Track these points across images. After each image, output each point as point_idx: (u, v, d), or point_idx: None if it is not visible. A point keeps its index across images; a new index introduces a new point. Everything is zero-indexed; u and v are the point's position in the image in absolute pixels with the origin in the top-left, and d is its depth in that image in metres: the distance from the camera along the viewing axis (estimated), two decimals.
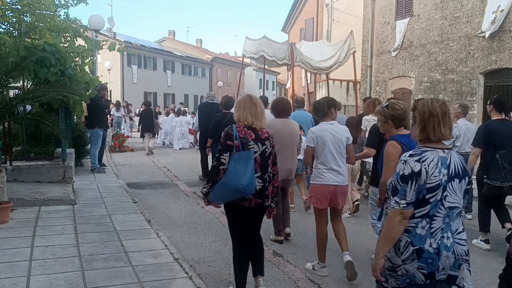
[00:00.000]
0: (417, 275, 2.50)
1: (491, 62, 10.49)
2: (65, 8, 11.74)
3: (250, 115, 3.76)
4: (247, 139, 3.69)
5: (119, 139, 15.46)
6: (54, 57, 7.41)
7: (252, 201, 3.68)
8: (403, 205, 2.48)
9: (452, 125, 2.91)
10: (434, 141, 2.57)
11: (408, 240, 2.51)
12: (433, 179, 2.48)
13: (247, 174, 3.51)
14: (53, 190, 7.07)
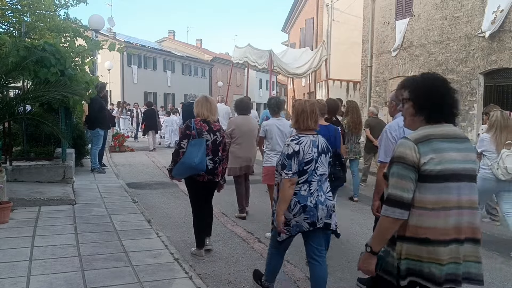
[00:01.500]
0: (303, 224, 3.56)
1: (491, 62, 10.49)
2: (65, 8, 11.77)
3: (206, 111, 4.89)
4: (202, 130, 4.80)
5: (119, 139, 15.47)
6: (54, 57, 7.41)
7: (205, 177, 4.83)
8: (290, 175, 3.52)
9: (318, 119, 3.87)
10: (304, 129, 3.68)
11: (296, 200, 3.57)
12: (308, 155, 3.57)
13: (199, 155, 4.65)
14: (53, 190, 7.07)
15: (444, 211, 2.24)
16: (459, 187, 2.26)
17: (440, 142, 2.27)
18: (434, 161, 2.23)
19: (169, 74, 40.29)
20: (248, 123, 6.64)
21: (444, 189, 2.24)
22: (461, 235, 2.26)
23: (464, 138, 2.39)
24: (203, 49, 51.24)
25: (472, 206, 2.31)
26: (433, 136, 2.28)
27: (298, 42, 26.51)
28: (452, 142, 2.30)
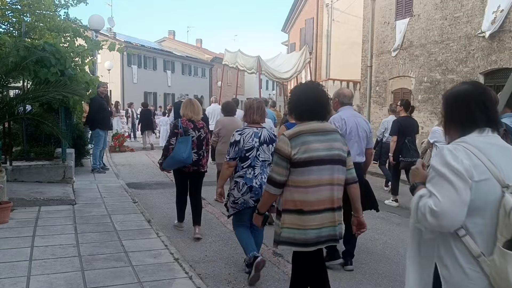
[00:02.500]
0: (249, 201, 4.32)
1: (491, 62, 10.49)
2: (65, 8, 11.77)
3: (190, 112, 5.68)
4: (188, 128, 5.59)
5: (119, 139, 15.48)
6: (54, 57, 7.41)
7: (191, 168, 5.63)
8: (227, 159, 4.39)
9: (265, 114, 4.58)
10: (251, 122, 4.42)
11: (243, 181, 4.32)
12: (248, 144, 4.31)
13: (187, 151, 5.43)
14: (53, 190, 7.07)
15: (313, 188, 2.88)
16: (326, 169, 2.90)
17: (307, 136, 2.89)
18: (301, 151, 2.86)
19: (169, 74, 40.27)
20: (233, 123, 6.98)
21: (311, 171, 2.86)
22: (334, 205, 2.96)
23: (331, 131, 3.01)
24: (203, 49, 51.20)
25: (340, 183, 2.99)
26: (302, 132, 2.92)
27: (298, 42, 26.49)
28: (318, 135, 2.92)
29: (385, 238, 6.02)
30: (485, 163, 1.85)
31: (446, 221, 1.79)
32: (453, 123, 2.06)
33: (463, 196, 1.79)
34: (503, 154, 1.91)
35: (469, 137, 1.95)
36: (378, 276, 4.66)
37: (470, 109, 1.99)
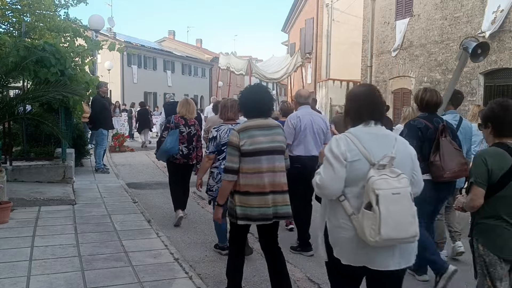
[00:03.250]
0: None
1: (491, 62, 10.49)
2: (65, 8, 11.79)
3: (184, 110, 6.33)
4: (179, 124, 6.22)
5: (119, 139, 15.47)
6: (54, 57, 7.41)
7: (181, 160, 6.23)
8: (207, 153, 4.83)
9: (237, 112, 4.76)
10: (226, 119, 4.82)
11: (218, 171, 4.71)
12: (224, 139, 4.56)
13: (172, 142, 6.04)
14: (53, 190, 7.07)
15: (258, 174, 3.48)
16: (269, 158, 3.52)
17: (254, 131, 3.50)
18: (247, 143, 3.45)
19: (169, 74, 40.26)
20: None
21: (256, 160, 3.46)
22: (276, 188, 3.55)
23: (274, 127, 3.61)
24: (203, 49, 51.21)
25: (282, 170, 3.63)
26: (249, 127, 3.52)
27: (298, 42, 26.50)
28: (263, 130, 3.53)
29: None
30: (358, 147, 2.47)
31: (327, 191, 2.50)
32: (347, 117, 2.68)
33: (339, 174, 2.44)
34: (375, 140, 2.51)
35: (354, 128, 2.57)
36: None
37: (359, 107, 2.59)
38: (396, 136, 2.64)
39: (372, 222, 2.33)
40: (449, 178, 4.23)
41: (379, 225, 2.31)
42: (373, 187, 2.35)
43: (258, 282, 4.37)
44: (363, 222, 2.38)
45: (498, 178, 2.82)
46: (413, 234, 2.40)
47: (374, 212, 2.33)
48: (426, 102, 4.45)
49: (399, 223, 2.35)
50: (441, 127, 4.33)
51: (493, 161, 2.82)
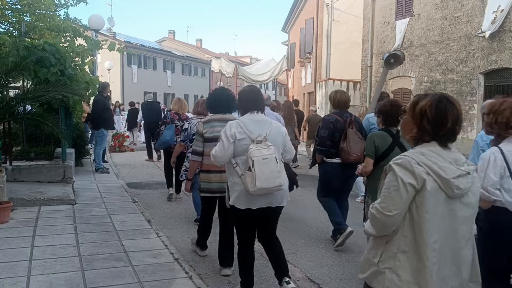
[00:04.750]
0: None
1: (491, 62, 10.48)
2: (65, 7, 11.77)
3: (177, 107, 7.66)
4: (174, 119, 7.50)
5: (119, 139, 15.47)
6: (54, 57, 7.40)
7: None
8: (179, 140, 5.95)
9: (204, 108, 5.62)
10: (196, 114, 5.91)
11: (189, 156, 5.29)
12: (193, 130, 5.31)
13: (169, 134, 7.26)
14: (53, 190, 7.07)
15: None
16: None
17: (214, 122, 4.47)
18: (209, 132, 4.42)
19: (169, 74, 40.27)
20: None
21: (214, 145, 3.85)
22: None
23: (229, 119, 4.19)
24: (203, 49, 51.22)
25: None
26: (212, 120, 4.53)
27: (298, 42, 26.48)
28: (221, 122, 4.29)
29: None
30: (243, 129, 3.66)
31: (218, 159, 3.72)
32: (240, 110, 4.00)
33: (227, 149, 3.64)
34: (256, 124, 3.71)
35: (243, 116, 3.83)
36: None
37: (245, 101, 3.88)
38: (271, 121, 3.86)
39: (251, 178, 3.50)
40: (354, 160, 5.12)
41: (255, 180, 3.48)
42: (250, 155, 3.53)
43: (258, 282, 4.36)
44: (246, 179, 3.55)
45: (381, 152, 4.17)
46: (278, 185, 3.58)
47: (252, 172, 3.49)
48: (337, 101, 5.60)
49: (268, 178, 3.51)
50: (349, 120, 5.41)
51: (379, 140, 4.19)
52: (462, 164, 2.16)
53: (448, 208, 2.12)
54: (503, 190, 3.01)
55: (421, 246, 2.09)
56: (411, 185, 2.07)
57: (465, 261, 2.20)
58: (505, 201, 3.00)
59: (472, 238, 2.26)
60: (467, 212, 2.18)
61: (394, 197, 2.10)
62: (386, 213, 2.11)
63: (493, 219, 3.05)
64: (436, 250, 2.10)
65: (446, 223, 2.13)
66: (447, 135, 2.16)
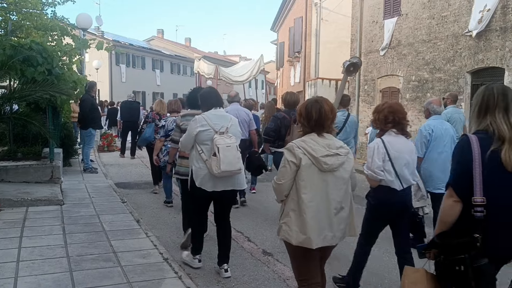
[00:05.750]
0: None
1: (478, 61, 10.59)
2: (52, 6, 11.65)
3: (159, 107, 8.24)
4: (155, 119, 8.10)
5: (108, 139, 15.35)
6: (41, 56, 7.32)
7: None
8: (158, 137, 6.87)
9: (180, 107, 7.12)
10: (171, 112, 7.08)
11: (165, 148, 6.71)
12: (170, 126, 6.57)
13: (149, 132, 7.96)
14: (41, 191, 7.00)
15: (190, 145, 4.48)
16: None
17: (189, 117, 4.87)
18: (184, 124, 4.94)
19: (158, 73, 40.08)
20: None
21: None
22: None
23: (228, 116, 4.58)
24: (192, 48, 51.05)
25: None
26: (187, 114, 5.18)
27: (287, 41, 26.52)
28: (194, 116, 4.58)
29: None
30: (207, 121, 4.31)
31: (183, 148, 4.60)
32: (203, 107, 4.58)
33: (191, 139, 4.35)
34: (218, 118, 4.39)
35: (208, 112, 4.45)
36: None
37: (209, 98, 4.57)
38: (231, 117, 4.57)
39: (216, 162, 4.14)
40: None
41: (219, 164, 4.12)
42: (215, 143, 4.19)
43: (248, 281, 4.38)
44: (211, 163, 4.17)
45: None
46: (239, 168, 4.30)
47: (217, 157, 4.14)
48: (287, 102, 6.66)
49: (230, 162, 4.17)
50: (294, 117, 5.96)
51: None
52: (335, 148, 3.07)
53: (321, 178, 3.02)
54: (386, 172, 3.78)
55: (301, 205, 2.99)
56: (293, 162, 3.01)
57: (340, 218, 3.08)
58: (387, 180, 3.79)
59: (347, 202, 3.13)
60: (338, 182, 3.07)
61: (283, 171, 3.05)
62: (278, 182, 3.08)
63: (378, 195, 3.89)
64: (311, 207, 2.98)
65: (319, 189, 3.02)
66: (317, 127, 3.09)
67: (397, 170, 3.79)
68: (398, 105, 4.10)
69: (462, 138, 2.64)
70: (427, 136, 5.40)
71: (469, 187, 2.49)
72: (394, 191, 3.80)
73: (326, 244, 3.07)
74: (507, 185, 2.48)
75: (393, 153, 3.78)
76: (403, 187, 3.82)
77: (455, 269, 2.45)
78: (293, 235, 3.01)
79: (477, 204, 2.44)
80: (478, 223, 2.43)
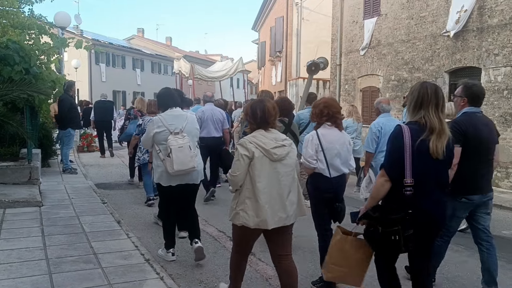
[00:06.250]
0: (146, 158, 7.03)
1: (455, 61, 10.78)
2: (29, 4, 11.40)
3: (140, 105, 8.58)
4: (137, 116, 8.34)
5: (87, 139, 15.15)
6: (18, 55, 7.20)
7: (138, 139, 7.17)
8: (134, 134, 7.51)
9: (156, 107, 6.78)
10: (149, 113, 7.11)
11: (141, 147, 7.08)
12: (146, 126, 5.81)
13: (133, 128, 7.86)
14: (19, 192, 6.88)
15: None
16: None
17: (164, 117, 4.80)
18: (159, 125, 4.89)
19: (139, 72, 39.70)
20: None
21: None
22: None
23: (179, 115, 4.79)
24: (173, 47, 50.74)
25: None
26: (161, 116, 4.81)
27: (269, 40, 26.57)
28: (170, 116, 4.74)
29: None
30: (163, 122, 4.60)
31: (144, 145, 5.25)
32: (160, 108, 4.90)
33: (149, 140, 4.71)
34: (174, 118, 4.67)
35: (164, 113, 4.73)
36: None
37: (165, 99, 4.85)
38: (187, 115, 4.83)
39: (169, 163, 4.48)
40: None
41: (172, 164, 4.46)
42: (169, 144, 4.50)
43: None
44: (166, 163, 4.52)
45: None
46: (191, 167, 4.58)
47: (170, 157, 4.47)
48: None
49: (183, 162, 4.48)
50: None
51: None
52: (281, 140, 3.47)
53: (272, 167, 3.40)
54: (318, 161, 4.18)
55: (256, 192, 3.34)
56: (246, 155, 3.35)
57: (290, 201, 3.47)
58: (319, 168, 4.18)
59: (294, 186, 3.52)
60: (286, 169, 3.46)
61: (237, 164, 3.38)
62: (233, 174, 3.41)
63: (313, 181, 4.29)
64: (265, 194, 3.35)
65: (271, 176, 3.39)
66: (262, 123, 3.47)
67: (328, 159, 4.17)
68: (332, 101, 4.49)
69: (396, 128, 3.10)
70: (377, 133, 5.81)
71: (399, 170, 2.99)
72: (326, 178, 4.18)
73: (280, 225, 3.43)
74: (432, 169, 3.00)
75: (325, 144, 4.17)
76: (334, 175, 4.21)
77: (391, 238, 3.01)
78: (250, 219, 3.36)
79: (407, 184, 2.97)
80: (408, 199, 2.97)
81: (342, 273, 3.44)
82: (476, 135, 3.85)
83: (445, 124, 3.05)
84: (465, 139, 3.81)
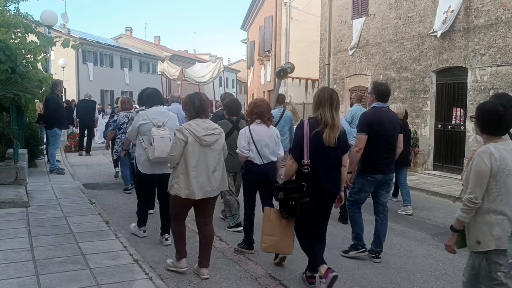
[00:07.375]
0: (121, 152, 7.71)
1: (443, 61, 10.88)
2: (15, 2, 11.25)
3: (126, 105, 8.50)
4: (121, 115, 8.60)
5: (75, 139, 15.02)
6: (4, 54, 7.12)
7: None
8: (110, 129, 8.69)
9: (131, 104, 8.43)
10: (123, 109, 8.46)
11: (120, 140, 7.98)
12: (121, 121, 8.09)
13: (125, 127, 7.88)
14: (5, 193, 6.80)
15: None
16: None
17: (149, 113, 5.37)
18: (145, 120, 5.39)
19: (127, 71, 39.41)
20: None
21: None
22: None
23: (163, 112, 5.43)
24: (161, 46, 50.44)
25: None
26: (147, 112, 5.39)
27: (258, 40, 26.57)
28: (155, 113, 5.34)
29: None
30: (148, 116, 5.23)
31: (129, 137, 5.76)
32: (147, 104, 5.51)
33: (135, 130, 5.29)
34: (158, 114, 5.30)
35: (150, 108, 5.35)
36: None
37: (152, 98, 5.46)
38: (169, 113, 5.48)
39: (151, 150, 5.04)
40: None
41: (154, 151, 5.03)
42: (152, 134, 5.07)
43: (220, 281, 4.36)
44: (148, 151, 5.09)
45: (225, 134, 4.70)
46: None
47: (152, 145, 5.03)
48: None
49: (163, 150, 4.80)
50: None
51: (222, 126, 4.82)
52: (212, 129, 4.27)
53: (202, 151, 4.21)
54: (250, 151, 5.06)
55: (188, 169, 4.16)
56: (182, 140, 4.14)
57: (215, 177, 4.30)
58: (251, 156, 5.06)
59: (219, 167, 4.35)
60: (214, 153, 4.29)
61: (175, 146, 4.18)
62: (171, 154, 4.20)
63: (246, 167, 5.20)
64: (195, 171, 4.16)
65: (201, 158, 4.20)
66: (200, 111, 4.28)
67: (258, 149, 5.05)
68: (261, 101, 5.37)
69: (299, 122, 4.14)
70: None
71: (300, 153, 4.00)
72: (256, 165, 5.08)
73: (206, 196, 4.27)
74: (323, 154, 3.98)
75: (256, 137, 5.05)
76: (263, 162, 5.09)
77: (289, 203, 4.04)
78: (182, 191, 4.18)
79: (304, 164, 3.99)
80: (305, 175, 4.00)
81: (274, 241, 4.27)
82: (379, 125, 4.83)
83: (337, 120, 4.01)
84: (370, 129, 4.80)
